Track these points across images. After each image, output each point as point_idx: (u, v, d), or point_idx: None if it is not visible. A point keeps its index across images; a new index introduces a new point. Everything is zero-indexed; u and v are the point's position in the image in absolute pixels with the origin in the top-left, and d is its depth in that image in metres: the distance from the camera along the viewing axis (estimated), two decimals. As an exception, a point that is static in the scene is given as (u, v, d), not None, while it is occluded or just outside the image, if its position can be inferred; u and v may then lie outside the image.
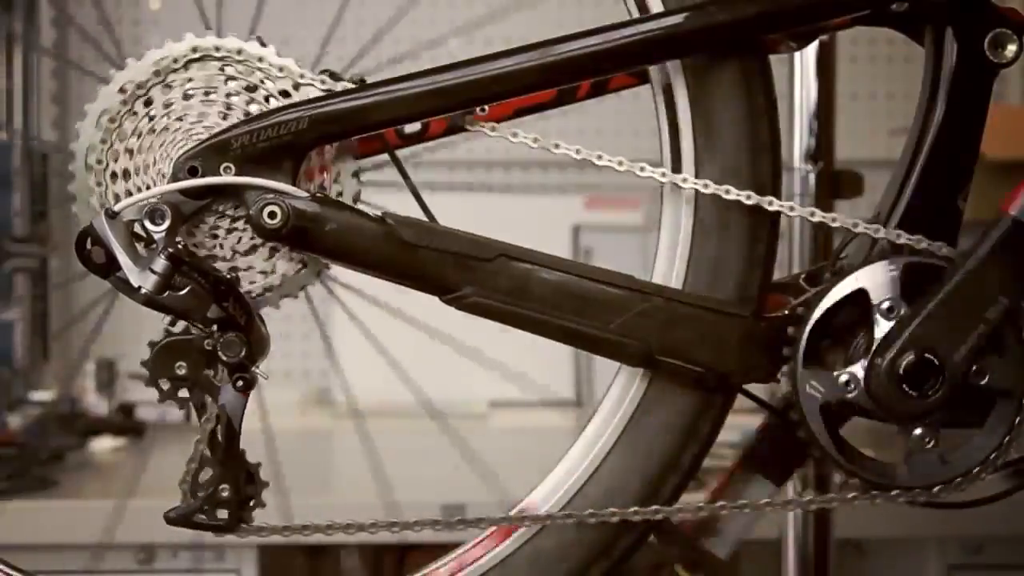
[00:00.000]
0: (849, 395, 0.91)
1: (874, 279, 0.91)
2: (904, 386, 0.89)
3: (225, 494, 0.91)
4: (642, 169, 0.93)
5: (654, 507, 0.94)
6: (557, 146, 0.93)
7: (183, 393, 0.91)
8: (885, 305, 0.91)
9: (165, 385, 0.91)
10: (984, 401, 0.91)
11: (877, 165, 1.51)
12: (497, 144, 2.46)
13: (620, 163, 0.93)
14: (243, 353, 0.90)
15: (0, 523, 1.67)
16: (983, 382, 0.90)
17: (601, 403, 0.97)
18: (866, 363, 0.90)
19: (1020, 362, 0.90)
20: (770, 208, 0.92)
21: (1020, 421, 0.90)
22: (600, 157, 0.92)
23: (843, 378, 0.91)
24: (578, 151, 0.93)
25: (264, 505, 0.93)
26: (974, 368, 0.90)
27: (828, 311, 0.91)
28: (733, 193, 0.92)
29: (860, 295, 0.91)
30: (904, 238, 0.92)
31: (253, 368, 0.91)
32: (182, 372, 0.90)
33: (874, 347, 0.90)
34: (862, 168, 1.51)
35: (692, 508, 0.95)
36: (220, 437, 0.91)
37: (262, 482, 0.93)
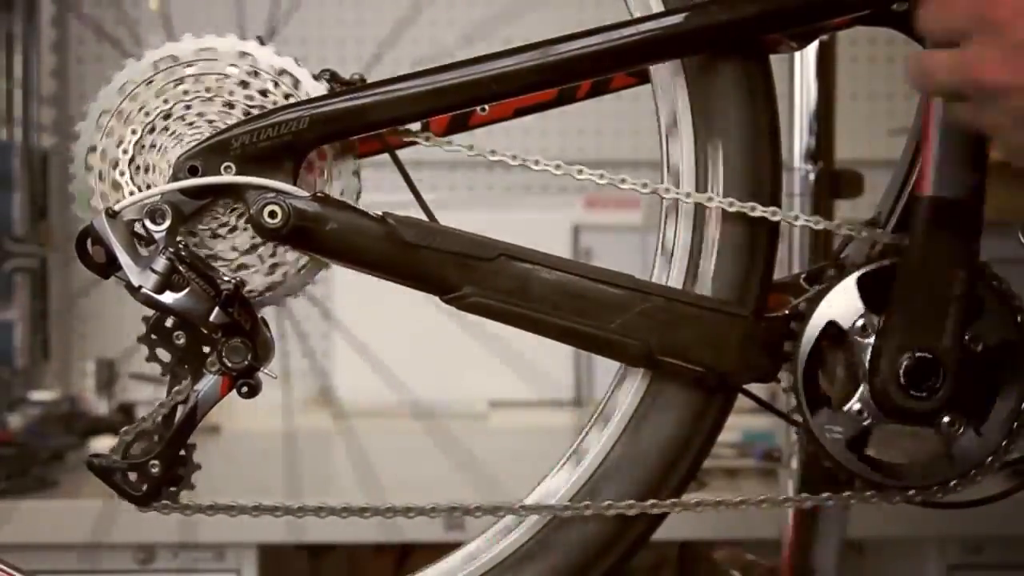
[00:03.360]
0: (866, 423, 0.91)
1: (837, 306, 0.91)
2: (912, 392, 0.89)
3: (154, 470, 0.91)
4: (667, 191, 0.93)
5: (653, 501, 0.94)
6: (581, 171, 0.94)
7: (169, 361, 0.91)
8: (858, 325, 0.91)
9: (157, 347, 0.91)
10: (994, 364, 0.91)
11: (877, 165, 1.51)
12: (497, 143, 2.46)
13: (644, 185, 0.93)
14: (248, 358, 0.90)
15: (0, 523, 1.67)
16: (981, 348, 0.90)
17: (600, 403, 0.97)
18: (867, 387, 0.90)
19: (1004, 312, 0.91)
20: (772, 218, 0.92)
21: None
22: (623, 181, 0.93)
23: (855, 408, 0.91)
24: (602, 175, 0.93)
25: (192, 487, 0.93)
26: (968, 341, 0.90)
27: (812, 352, 0.91)
28: (759, 211, 0.92)
29: (833, 326, 0.91)
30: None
31: (260, 371, 0.91)
32: (179, 342, 0.90)
33: (867, 369, 0.90)
34: (862, 168, 1.50)
35: (692, 504, 0.95)
36: (177, 418, 0.91)
37: (193, 468, 0.93)
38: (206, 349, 0.91)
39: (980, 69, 0.80)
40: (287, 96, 0.92)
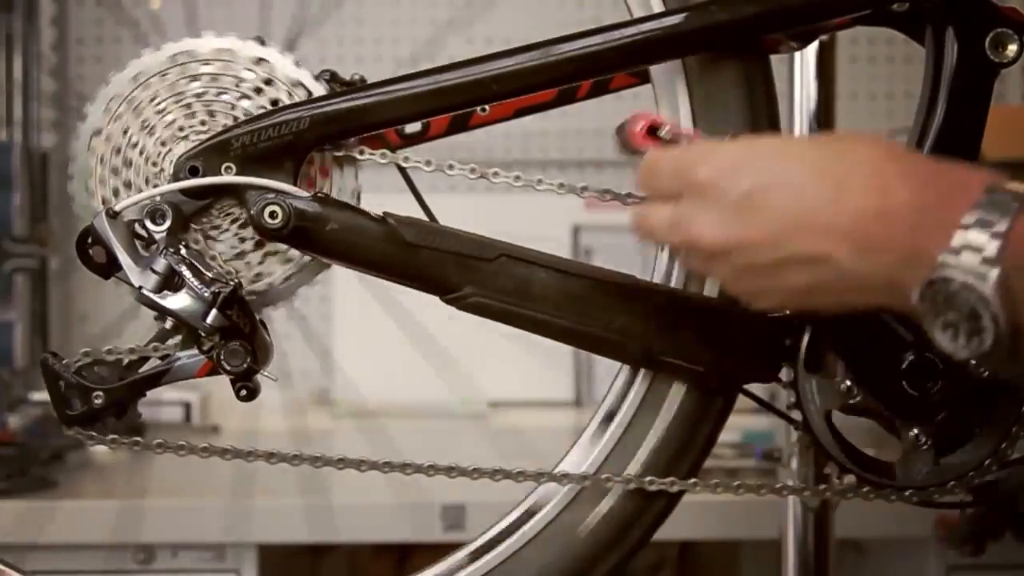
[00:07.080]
0: (853, 400, 0.91)
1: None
2: (904, 384, 0.89)
3: (96, 400, 0.91)
4: None
5: (670, 479, 0.94)
6: (586, 188, 0.96)
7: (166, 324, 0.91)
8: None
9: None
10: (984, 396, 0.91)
11: (877, 165, 1.51)
12: (497, 143, 2.46)
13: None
14: (247, 361, 0.90)
15: (0, 523, 1.67)
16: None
17: (601, 404, 0.97)
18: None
19: None
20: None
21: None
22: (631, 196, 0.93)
23: (845, 384, 0.91)
24: (607, 191, 0.94)
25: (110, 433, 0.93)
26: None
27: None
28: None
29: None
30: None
31: (259, 373, 0.91)
32: None
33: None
34: (862, 168, 1.50)
35: (706, 485, 0.95)
36: (145, 368, 0.91)
37: (133, 420, 0.93)
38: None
39: (693, 231, 0.80)
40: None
